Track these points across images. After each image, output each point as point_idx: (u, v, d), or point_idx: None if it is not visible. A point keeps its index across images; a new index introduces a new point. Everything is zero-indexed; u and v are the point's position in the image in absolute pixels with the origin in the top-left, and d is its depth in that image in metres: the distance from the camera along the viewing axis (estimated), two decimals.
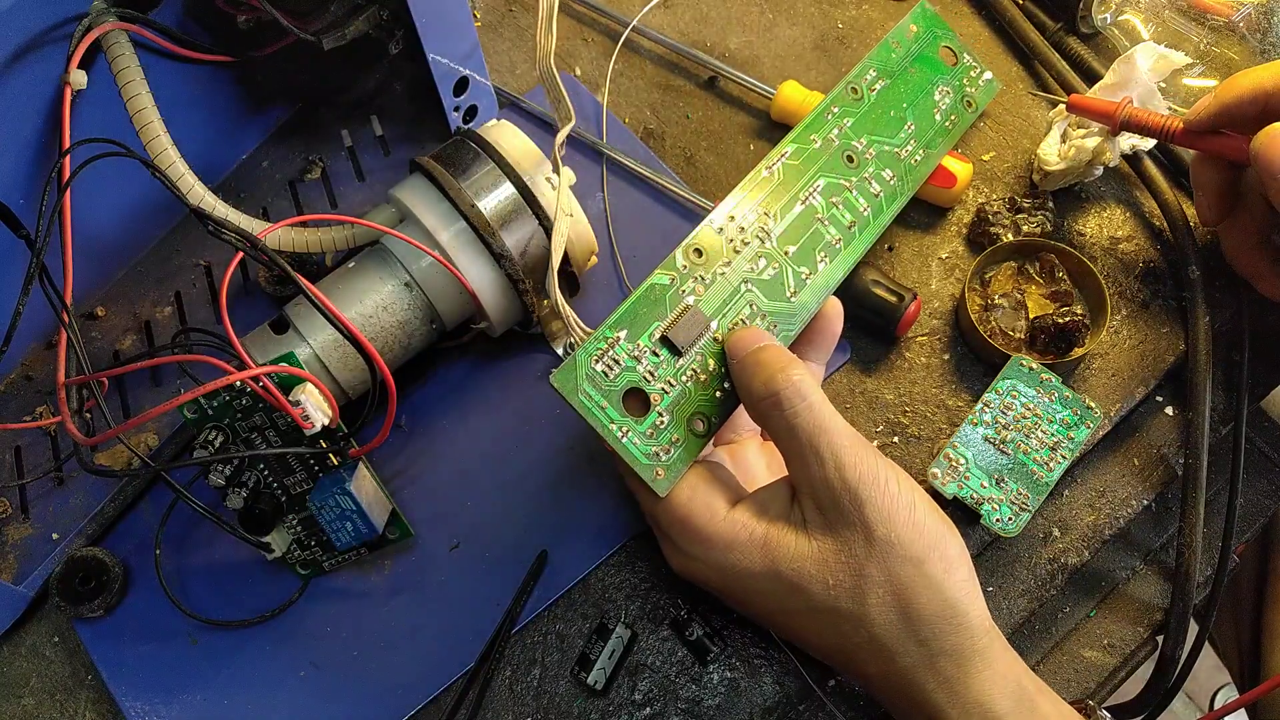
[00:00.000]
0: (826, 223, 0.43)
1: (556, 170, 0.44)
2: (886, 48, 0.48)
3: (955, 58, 0.51)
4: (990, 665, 0.35)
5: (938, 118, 0.49)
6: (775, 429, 0.37)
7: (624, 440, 0.37)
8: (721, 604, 0.42)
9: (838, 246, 0.43)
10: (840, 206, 0.44)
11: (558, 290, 0.40)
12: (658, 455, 0.38)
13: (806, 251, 0.42)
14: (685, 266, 0.39)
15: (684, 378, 0.38)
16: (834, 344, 0.42)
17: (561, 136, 0.44)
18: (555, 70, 0.44)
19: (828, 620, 0.36)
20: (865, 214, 0.44)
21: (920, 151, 0.47)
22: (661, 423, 0.38)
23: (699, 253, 0.40)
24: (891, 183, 0.46)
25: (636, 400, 0.38)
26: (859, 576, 0.35)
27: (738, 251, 0.41)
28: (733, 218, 0.41)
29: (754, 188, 0.42)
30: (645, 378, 0.38)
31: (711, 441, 0.43)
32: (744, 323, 0.40)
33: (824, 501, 0.36)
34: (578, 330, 0.40)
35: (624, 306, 0.38)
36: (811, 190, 0.43)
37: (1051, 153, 0.49)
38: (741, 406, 0.39)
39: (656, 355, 0.38)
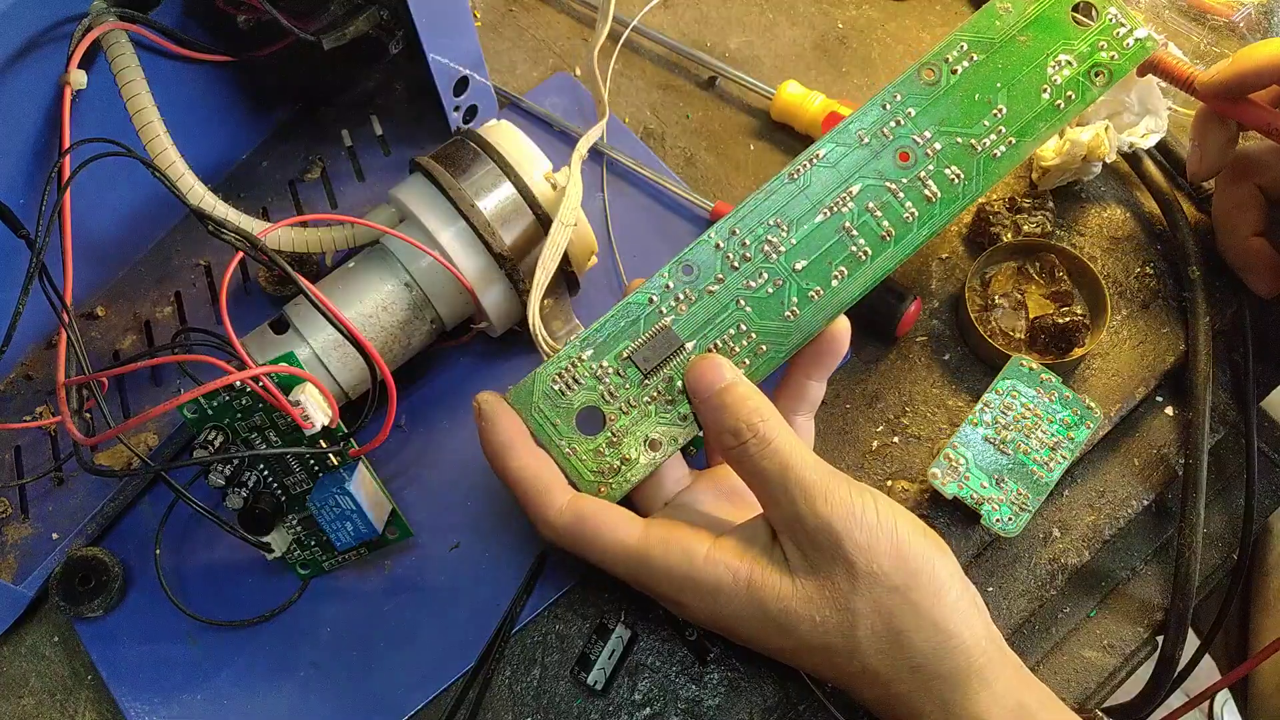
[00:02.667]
0: (854, 232, 0.39)
1: (572, 168, 0.43)
2: (991, 13, 0.41)
3: (1094, 16, 0.42)
4: (988, 686, 0.34)
5: (1046, 96, 0.40)
6: (743, 472, 0.36)
7: (570, 458, 0.37)
8: None
9: (862, 260, 0.39)
10: (878, 213, 0.39)
11: (536, 309, 0.39)
12: (603, 474, 0.37)
13: (819, 266, 0.39)
14: (670, 285, 0.38)
15: (646, 399, 0.38)
16: (837, 363, 0.41)
17: (596, 132, 0.44)
18: (597, 67, 0.44)
19: (820, 655, 0.36)
20: (909, 221, 0.39)
21: (1006, 142, 0.40)
22: (614, 441, 0.37)
23: (689, 270, 0.38)
24: (956, 184, 0.40)
25: (591, 418, 0.37)
26: (846, 611, 0.34)
27: (735, 268, 0.38)
28: (735, 231, 0.39)
29: (768, 196, 0.39)
30: (604, 397, 0.37)
31: (688, 460, 0.42)
32: (728, 343, 0.38)
33: (801, 540, 0.35)
34: (545, 346, 0.38)
35: (593, 326, 0.38)
36: (844, 196, 0.39)
37: (1048, 148, 0.49)
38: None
39: (620, 375, 0.37)
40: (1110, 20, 0.42)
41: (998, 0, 0.41)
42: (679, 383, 0.38)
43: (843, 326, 0.40)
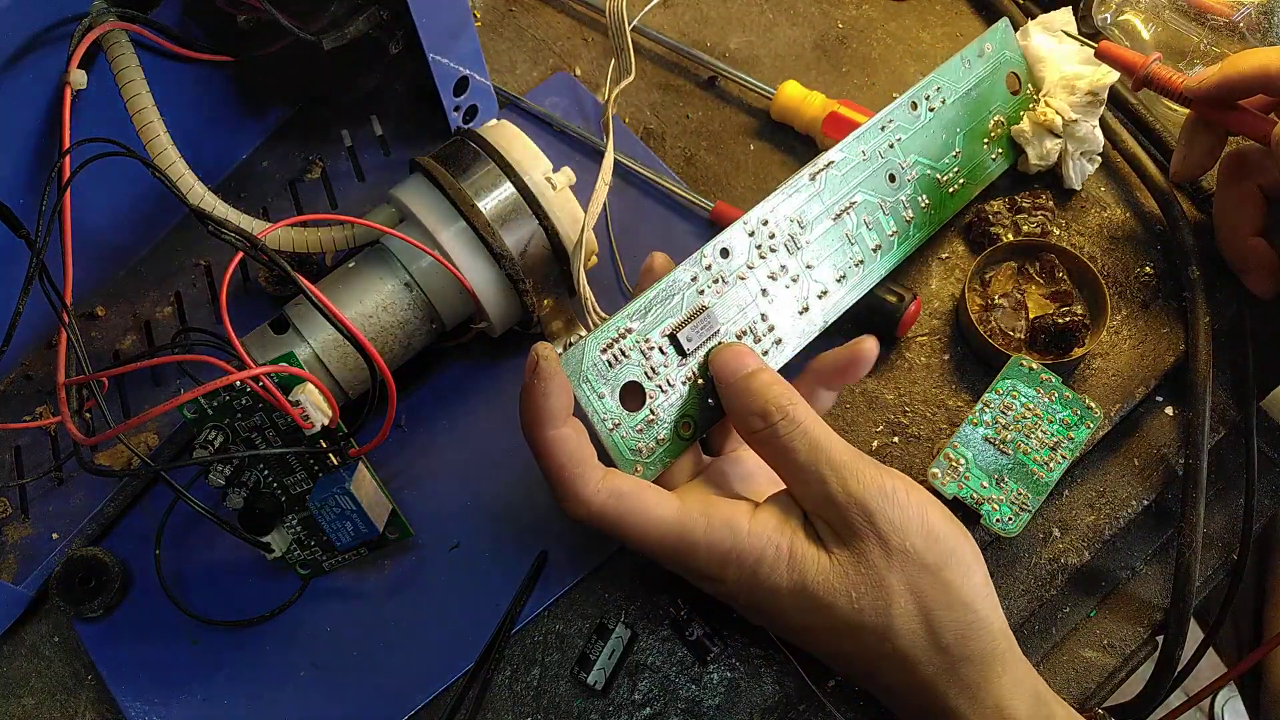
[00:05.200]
0: (853, 241, 0.42)
1: (605, 132, 0.44)
2: (957, 65, 0.47)
3: (1019, 85, 0.49)
4: (1009, 670, 0.35)
5: (985, 148, 0.47)
6: (771, 454, 0.37)
7: (612, 434, 0.37)
8: (722, 603, 0.41)
9: (857, 269, 0.43)
10: (870, 227, 0.43)
11: (582, 269, 0.40)
12: (640, 452, 0.37)
13: (826, 269, 0.42)
14: (710, 266, 0.39)
15: (682, 379, 0.38)
16: (856, 379, 0.40)
17: (617, 90, 0.46)
18: (625, 16, 0.45)
19: (851, 636, 0.36)
20: (891, 239, 0.44)
21: (959, 181, 0.46)
22: (652, 420, 0.38)
23: (725, 253, 0.39)
24: (925, 210, 0.45)
25: (632, 394, 0.38)
26: (881, 588, 0.35)
27: (763, 258, 0.40)
28: (765, 221, 0.40)
29: (792, 193, 0.41)
30: (647, 374, 0.38)
31: (702, 447, 0.42)
32: (753, 329, 0.40)
33: (833, 519, 0.35)
34: (594, 315, 0.39)
35: (641, 299, 0.38)
36: (848, 205, 0.42)
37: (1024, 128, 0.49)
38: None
39: (663, 353, 0.38)
40: (1028, 93, 0.50)
41: (965, 53, 0.47)
42: (708, 368, 0.39)
43: (871, 345, 0.39)
